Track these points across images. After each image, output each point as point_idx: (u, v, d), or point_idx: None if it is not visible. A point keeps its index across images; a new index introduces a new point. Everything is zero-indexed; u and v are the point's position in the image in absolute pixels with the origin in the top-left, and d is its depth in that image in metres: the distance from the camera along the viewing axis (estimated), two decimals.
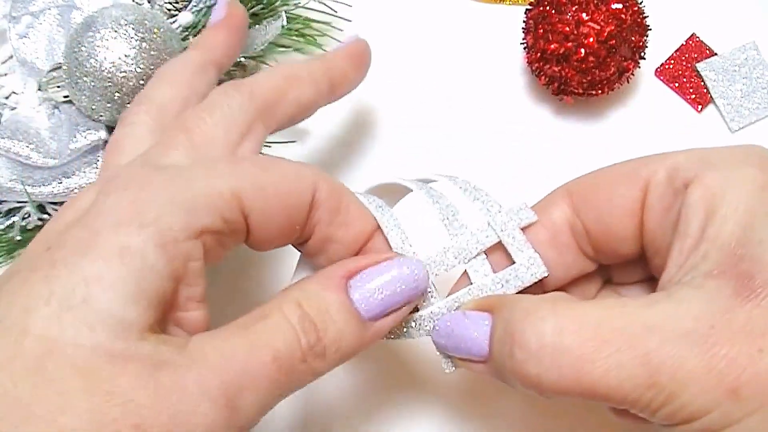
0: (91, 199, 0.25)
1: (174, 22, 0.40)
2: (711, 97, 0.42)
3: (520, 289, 0.28)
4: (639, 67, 0.41)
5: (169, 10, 0.41)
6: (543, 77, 0.40)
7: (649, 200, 0.27)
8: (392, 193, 0.31)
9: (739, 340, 0.22)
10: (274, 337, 0.24)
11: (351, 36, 0.37)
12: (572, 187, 0.29)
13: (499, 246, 0.28)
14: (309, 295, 0.25)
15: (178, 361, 0.23)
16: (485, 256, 0.28)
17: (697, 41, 0.43)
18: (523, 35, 0.41)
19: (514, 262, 0.28)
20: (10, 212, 0.38)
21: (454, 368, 0.28)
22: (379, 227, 0.29)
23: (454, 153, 0.42)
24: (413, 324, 0.28)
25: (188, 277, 0.24)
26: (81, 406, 0.21)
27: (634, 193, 0.27)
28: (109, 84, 0.36)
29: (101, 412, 0.21)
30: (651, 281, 0.29)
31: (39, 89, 0.40)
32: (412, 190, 0.30)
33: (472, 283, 0.28)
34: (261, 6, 0.41)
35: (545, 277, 0.28)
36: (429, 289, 0.28)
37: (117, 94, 0.37)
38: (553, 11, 0.39)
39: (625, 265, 0.29)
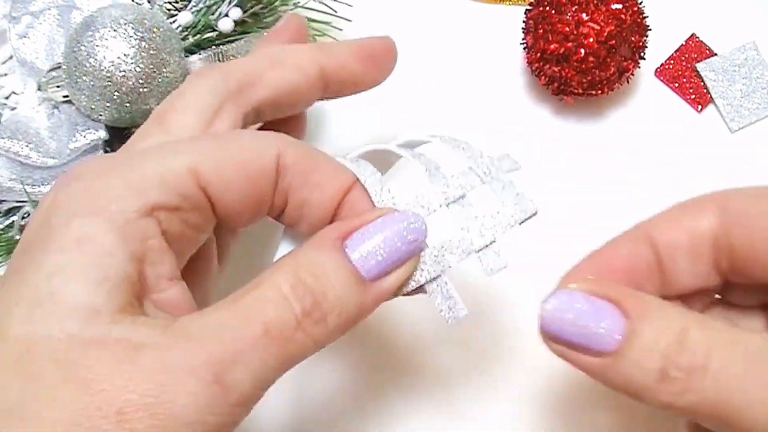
0: (51, 198, 0.25)
1: (174, 21, 0.40)
2: (711, 97, 0.42)
3: (512, 227, 0.27)
4: (639, 67, 0.41)
5: (168, 9, 0.41)
6: (543, 77, 0.40)
7: None
8: (380, 162, 0.30)
9: None
10: (263, 307, 0.23)
11: (379, 35, 0.34)
12: (728, 200, 0.27)
13: (487, 191, 0.27)
14: (303, 260, 0.24)
15: (159, 341, 0.22)
16: (470, 202, 0.27)
17: (696, 41, 0.43)
18: (523, 35, 0.41)
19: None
20: (10, 212, 0.38)
21: (504, 265, 0.27)
22: (356, 182, 0.27)
23: None
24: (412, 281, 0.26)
25: (151, 256, 0.24)
26: (64, 398, 0.21)
27: None
28: (109, 83, 0.36)
29: (84, 401, 0.21)
30: (765, 309, 0.29)
31: (39, 89, 0.40)
32: (400, 157, 0.29)
33: (461, 228, 0.27)
34: (261, 6, 0.41)
35: (535, 214, 0.27)
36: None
37: (116, 94, 0.37)
38: (553, 11, 0.39)
39: (747, 287, 0.28)
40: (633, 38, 0.39)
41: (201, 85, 0.29)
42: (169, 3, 0.41)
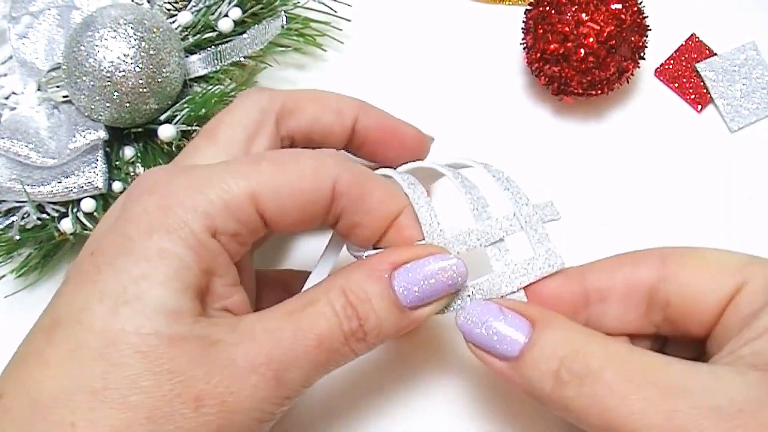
0: (121, 205, 0.28)
1: (173, 21, 0.40)
2: (711, 97, 0.42)
3: (537, 278, 0.29)
4: (639, 67, 0.41)
5: (168, 9, 0.41)
6: (543, 77, 0.40)
7: (739, 299, 0.28)
8: (426, 177, 0.33)
9: (761, 431, 0.23)
10: (318, 322, 0.27)
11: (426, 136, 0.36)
12: (669, 255, 0.29)
13: (522, 237, 0.30)
14: (353, 284, 0.28)
15: (229, 339, 0.26)
16: (507, 246, 0.30)
17: (696, 41, 0.43)
18: (522, 35, 0.41)
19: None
20: (10, 212, 0.38)
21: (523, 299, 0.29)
22: (408, 205, 0.30)
23: (454, 153, 0.42)
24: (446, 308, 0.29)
25: (219, 270, 0.27)
26: (147, 385, 0.24)
27: (729, 288, 0.28)
28: (108, 83, 0.36)
29: (165, 388, 0.25)
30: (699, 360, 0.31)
31: (38, 89, 0.40)
32: (444, 175, 0.31)
33: (493, 271, 0.29)
34: (261, 6, 0.41)
35: (563, 269, 0.29)
36: None
37: (116, 94, 0.37)
38: (553, 11, 0.39)
39: (681, 343, 0.31)
40: (633, 38, 0.39)
41: (249, 104, 0.32)
42: (169, 3, 0.41)
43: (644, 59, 0.40)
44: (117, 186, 0.38)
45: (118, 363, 0.24)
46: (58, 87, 0.39)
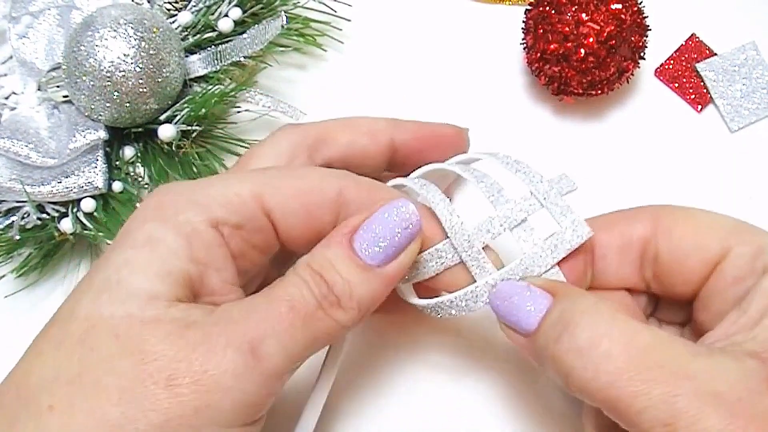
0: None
1: (173, 21, 0.40)
2: (711, 97, 0.42)
3: (569, 252, 0.29)
4: (639, 67, 0.41)
5: (168, 9, 0.41)
6: (543, 77, 0.40)
7: (725, 264, 0.28)
8: (440, 178, 0.33)
9: (758, 420, 0.23)
10: (288, 290, 0.27)
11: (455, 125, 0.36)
12: (662, 213, 0.30)
13: (545, 214, 0.30)
14: (315, 255, 0.28)
15: (205, 320, 0.26)
16: (531, 226, 0.30)
17: (696, 41, 0.43)
18: (522, 35, 0.41)
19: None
20: (10, 212, 0.38)
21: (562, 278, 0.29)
22: (421, 206, 0.30)
23: None
24: (471, 296, 0.29)
25: (216, 263, 0.28)
26: (121, 367, 0.25)
27: (716, 251, 0.29)
28: (108, 83, 0.36)
29: (138, 369, 0.24)
30: (687, 326, 0.32)
31: (38, 89, 0.40)
32: (457, 174, 0.31)
33: (524, 254, 0.29)
34: (261, 6, 0.41)
35: (591, 237, 0.30)
36: (484, 260, 0.29)
37: (116, 94, 0.37)
38: (553, 11, 0.39)
39: (671, 304, 0.31)
40: (633, 38, 0.39)
41: (281, 138, 0.33)
42: (169, 3, 0.41)
43: (644, 59, 0.40)
44: (117, 186, 0.38)
45: (93, 347, 0.25)
46: (58, 87, 0.39)
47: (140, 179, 0.39)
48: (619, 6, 0.38)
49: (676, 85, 0.43)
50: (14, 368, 0.27)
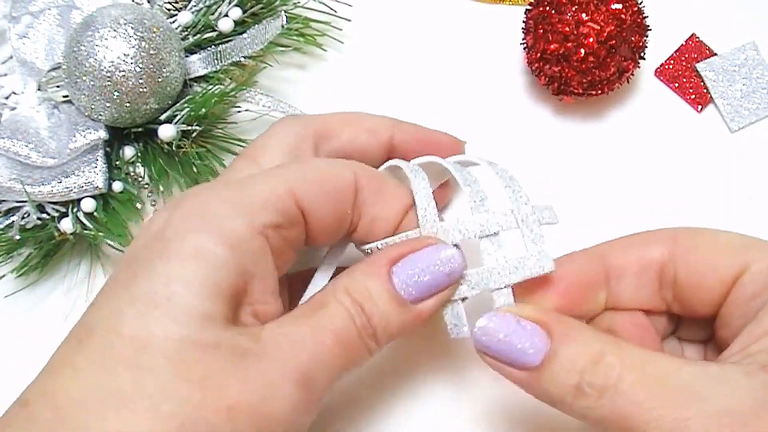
0: (164, 218, 0.28)
1: (174, 21, 0.40)
2: (711, 97, 0.42)
3: (525, 279, 0.29)
4: (639, 67, 0.41)
5: (168, 9, 0.41)
6: (543, 77, 0.40)
7: (743, 280, 0.28)
8: (437, 173, 0.33)
9: None
10: (333, 321, 0.27)
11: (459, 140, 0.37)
12: (678, 235, 0.30)
13: (517, 235, 0.30)
14: (355, 283, 0.28)
15: (257, 349, 0.26)
16: (500, 242, 0.30)
17: (696, 41, 0.43)
18: (523, 35, 0.41)
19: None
20: (10, 212, 0.38)
21: (462, 335, 0.30)
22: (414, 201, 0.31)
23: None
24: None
25: (260, 272, 0.27)
26: (179, 393, 0.24)
27: (734, 269, 0.29)
28: (108, 83, 0.36)
29: (197, 397, 0.24)
30: (711, 343, 0.32)
31: (39, 89, 0.40)
32: (449, 172, 0.32)
33: (483, 266, 0.29)
34: (261, 6, 0.41)
35: (551, 272, 0.29)
36: None
37: (116, 94, 0.37)
38: (553, 11, 0.39)
39: (692, 323, 0.32)
40: (633, 38, 0.39)
41: (285, 129, 0.33)
42: (169, 3, 0.41)
43: (644, 59, 0.40)
44: (117, 186, 0.38)
45: (147, 368, 0.24)
46: (58, 87, 0.39)
47: (140, 179, 0.39)
48: (619, 6, 0.38)
49: (676, 85, 0.43)
50: (42, 382, 0.25)
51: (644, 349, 0.27)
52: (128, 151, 0.39)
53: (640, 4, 0.40)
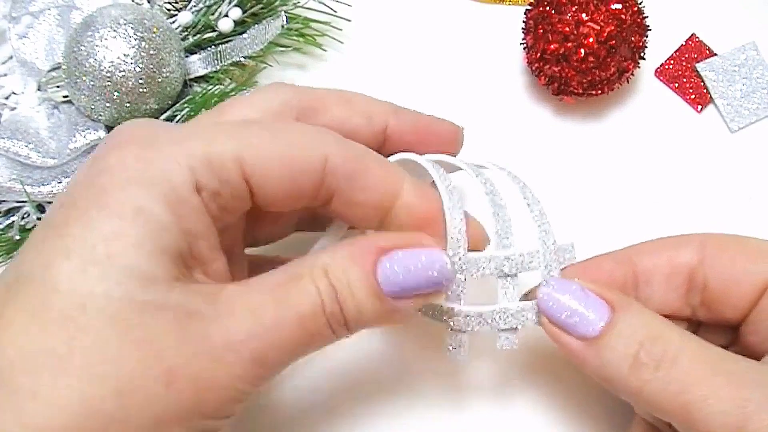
0: (103, 157, 0.26)
1: (173, 21, 0.40)
2: (711, 97, 0.42)
3: (532, 322, 0.29)
4: (639, 67, 0.41)
5: (168, 9, 0.41)
6: (543, 77, 0.40)
7: None
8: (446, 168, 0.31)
9: None
10: (301, 301, 0.25)
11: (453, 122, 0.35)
12: (708, 240, 0.30)
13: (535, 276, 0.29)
14: (336, 265, 0.26)
15: (206, 312, 0.24)
16: (517, 281, 0.29)
17: (696, 41, 0.43)
18: (523, 35, 0.41)
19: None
20: (10, 212, 0.38)
21: (513, 346, 0.29)
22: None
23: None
24: (445, 316, 0.29)
25: (202, 231, 0.26)
26: (116, 355, 0.23)
27: (764, 274, 0.29)
28: (108, 83, 0.36)
29: (134, 359, 0.23)
30: (730, 349, 0.32)
31: (38, 89, 0.40)
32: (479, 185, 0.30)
33: (497, 303, 0.29)
34: (261, 6, 0.41)
35: None
36: (461, 288, 0.29)
37: (116, 94, 0.37)
38: (553, 11, 0.39)
39: (711, 330, 0.31)
40: (633, 38, 0.39)
41: (271, 92, 0.30)
42: (169, 3, 0.41)
43: (644, 59, 0.40)
44: None
45: (85, 328, 0.23)
46: (58, 87, 0.39)
47: None
48: (619, 6, 0.38)
49: (676, 85, 0.43)
50: None
51: (697, 336, 0.27)
52: None
53: (640, 4, 0.40)
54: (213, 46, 0.40)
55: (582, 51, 0.38)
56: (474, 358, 0.37)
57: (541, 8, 0.39)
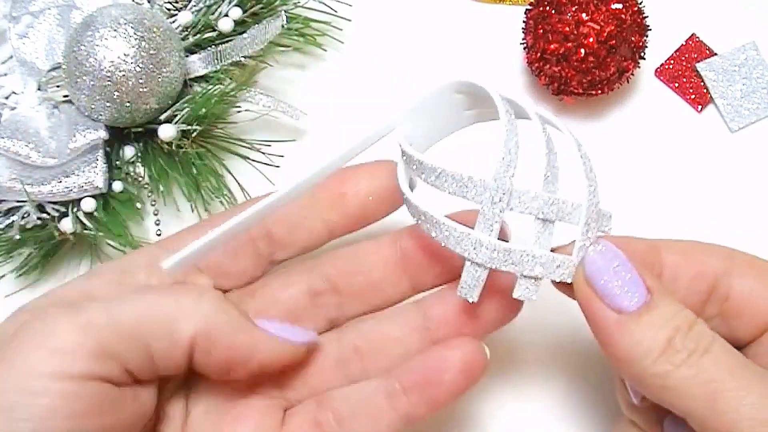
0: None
1: (174, 21, 0.40)
2: (711, 97, 0.42)
3: (561, 277, 0.28)
4: (639, 67, 0.41)
5: (168, 9, 0.41)
6: (543, 77, 0.40)
7: None
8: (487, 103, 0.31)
9: None
10: None
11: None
12: (736, 253, 0.30)
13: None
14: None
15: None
16: (552, 230, 0.28)
17: (697, 41, 0.43)
18: (523, 35, 0.41)
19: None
20: (10, 212, 0.38)
21: (533, 296, 0.28)
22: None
23: (454, 153, 0.42)
24: (471, 246, 0.28)
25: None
26: None
27: None
28: (109, 83, 0.36)
29: None
30: None
31: (39, 89, 0.40)
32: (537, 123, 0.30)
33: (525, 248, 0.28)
34: (261, 6, 0.41)
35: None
36: (496, 219, 0.28)
37: (116, 93, 0.37)
38: (553, 11, 0.39)
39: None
40: (633, 38, 0.39)
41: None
42: (169, 3, 0.41)
43: (644, 59, 0.40)
44: (117, 186, 0.38)
45: None
46: (58, 87, 0.39)
47: (140, 179, 0.39)
48: (619, 6, 0.38)
49: (676, 85, 0.43)
50: None
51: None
52: (128, 151, 0.39)
53: (640, 4, 0.40)
54: (213, 46, 0.40)
55: (582, 51, 0.38)
56: None
57: (541, 8, 0.39)
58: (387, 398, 0.30)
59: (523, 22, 0.41)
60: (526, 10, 0.41)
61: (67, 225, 0.37)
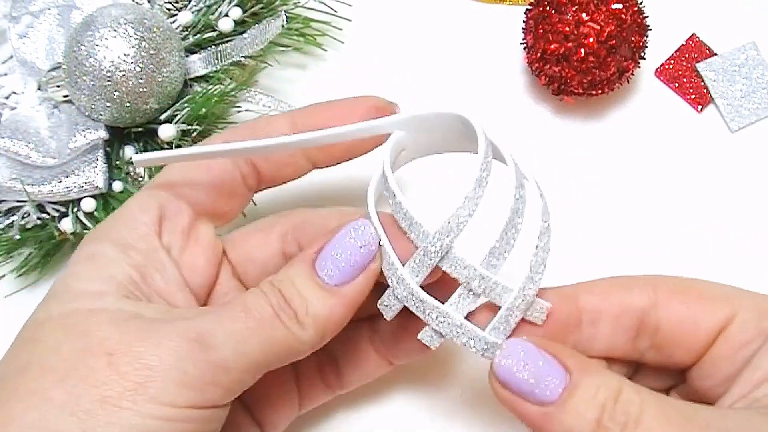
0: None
1: (174, 21, 0.40)
2: (711, 97, 0.42)
3: (465, 345, 0.28)
4: (639, 67, 0.41)
5: (168, 9, 0.41)
6: (543, 77, 0.40)
7: (731, 329, 0.28)
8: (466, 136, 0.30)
9: None
10: (245, 299, 0.28)
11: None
12: (659, 283, 0.29)
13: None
14: (279, 273, 0.29)
15: (156, 316, 0.27)
16: (477, 302, 0.28)
17: (697, 41, 0.43)
18: (523, 35, 0.41)
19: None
20: (10, 212, 0.38)
21: (433, 345, 0.28)
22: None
23: (454, 153, 0.42)
24: (394, 279, 0.28)
25: (155, 263, 0.29)
26: (64, 350, 0.26)
27: (720, 318, 0.28)
28: (109, 83, 0.36)
29: (78, 347, 0.25)
30: (672, 393, 0.31)
31: (39, 89, 0.40)
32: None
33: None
34: (261, 6, 0.41)
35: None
36: (426, 270, 0.28)
37: (116, 93, 0.37)
38: (553, 11, 0.39)
39: (651, 372, 0.31)
40: (633, 38, 0.39)
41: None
42: (169, 3, 0.41)
43: (644, 59, 0.40)
44: (117, 186, 0.38)
45: (41, 339, 0.26)
46: (58, 87, 0.39)
47: (140, 179, 0.39)
48: (620, 6, 0.38)
49: (676, 85, 0.43)
50: None
51: (655, 392, 0.26)
52: (128, 151, 0.39)
53: (640, 4, 0.40)
54: (213, 46, 0.40)
55: (582, 51, 0.38)
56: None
57: (541, 8, 0.39)
58: None
59: (523, 22, 0.41)
60: (526, 10, 0.41)
61: (67, 225, 0.37)
